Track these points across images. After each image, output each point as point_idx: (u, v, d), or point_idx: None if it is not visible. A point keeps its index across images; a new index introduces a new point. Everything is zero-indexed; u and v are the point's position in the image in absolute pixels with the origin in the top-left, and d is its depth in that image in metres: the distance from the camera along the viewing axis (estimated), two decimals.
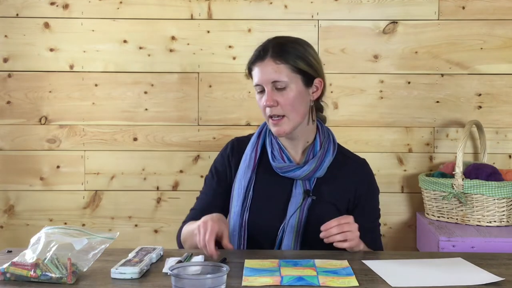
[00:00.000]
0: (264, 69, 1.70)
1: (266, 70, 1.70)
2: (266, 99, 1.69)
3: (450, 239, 2.13)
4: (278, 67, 1.69)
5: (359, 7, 2.57)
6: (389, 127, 2.60)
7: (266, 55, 1.71)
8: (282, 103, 1.69)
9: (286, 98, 1.69)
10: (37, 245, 1.39)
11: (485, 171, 2.29)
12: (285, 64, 1.69)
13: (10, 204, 2.64)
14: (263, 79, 1.70)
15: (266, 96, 1.70)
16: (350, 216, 1.60)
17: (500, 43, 2.56)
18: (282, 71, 1.69)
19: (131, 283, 1.34)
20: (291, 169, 1.74)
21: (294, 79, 1.70)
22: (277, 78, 1.69)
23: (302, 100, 1.72)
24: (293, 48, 1.72)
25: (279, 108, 1.70)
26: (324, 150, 1.77)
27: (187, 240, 1.73)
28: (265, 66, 1.70)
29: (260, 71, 1.70)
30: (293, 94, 1.70)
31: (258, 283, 1.32)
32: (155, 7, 2.59)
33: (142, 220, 2.64)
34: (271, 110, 1.70)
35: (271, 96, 1.69)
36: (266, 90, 1.70)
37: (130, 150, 2.62)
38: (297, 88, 1.71)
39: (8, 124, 2.62)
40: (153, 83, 2.61)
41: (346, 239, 1.56)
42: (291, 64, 1.69)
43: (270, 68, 1.69)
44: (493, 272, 1.40)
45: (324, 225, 1.58)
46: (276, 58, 1.69)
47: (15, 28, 2.60)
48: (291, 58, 1.70)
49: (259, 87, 1.72)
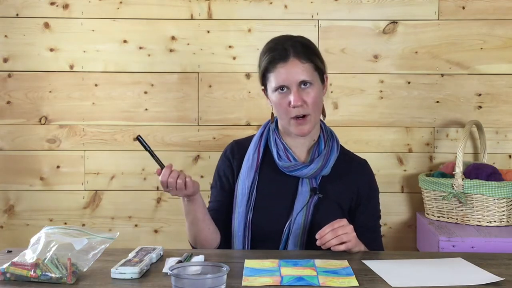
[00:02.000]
0: (290, 69, 1.69)
1: (293, 70, 1.69)
2: (295, 99, 1.68)
3: (450, 239, 2.13)
4: (304, 66, 1.70)
5: (359, 7, 2.57)
6: (389, 127, 2.60)
7: (288, 55, 1.70)
8: (308, 102, 1.70)
9: (311, 97, 1.70)
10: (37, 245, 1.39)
11: (485, 171, 2.29)
12: (309, 63, 1.71)
13: (10, 204, 2.64)
14: (290, 79, 1.69)
15: (293, 96, 1.69)
16: (343, 219, 1.61)
17: (500, 43, 2.56)
18: (308, 70, 1.70)
19: (131, 283, 1.34)
20: (298, 167, 1.74)
21: (316, 76, 1.73)
22: (305, 78, 1.69)
23: (321, 98, 1.76)
24: (310, 47, 1.75)
25: (305, 107, 1.70)
26: (329, 148, 1.78)
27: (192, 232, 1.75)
28: (291, 67, 1.69)
29: (286, 71, 1.69)
30: (316, 90, 1.72)
31: (258, 283, 1.32)
32: (155, 7, 2.59)
33: (142, 220, 2.64)
34: (298, 110, 1.70)
35: (299, 96, 1.69)
36: (293, 90, 1.69)
37: (130, 150, 2.62)
38: (318, 86, 1.73)
39: (8, 124, 2.62)
40: (153, 83, 2.61)
41: (342, 242, 1.57)
42: (314, 62, 1.72)
43: (297, 68, 1.69)
44: (493, 272, 1.40)
45: (319, 232, 1.59)
46: (301, 58, 1.70)
47: (15, 28, 2.60)
48: (313, 57, 1.72)
49: (281, 88, 1.71)
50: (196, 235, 1.74)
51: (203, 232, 1.73)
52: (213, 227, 1.75)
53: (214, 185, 1.87)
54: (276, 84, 1.71)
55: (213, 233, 1.76)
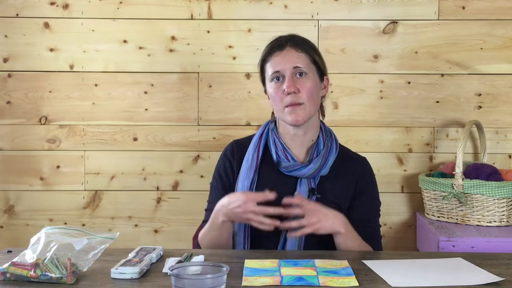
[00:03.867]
0: (285, 56, 1.74)
1: (287, 57, 1.74)
2: (287, 85, 1.71)
3: (450, 239, 2.13)
4: (299, 55, 1.74)
5: (359, 7, 2.57)
6: (389, 127, 2.60)
7: (285, 45, 1.76)
8: (302, 89, 1.72)
9: (305, 86, 1.72)
10: (37, 245, 1.39)
11: (485, 171, 2.29)
12: (305, 54, 1.75)
13: (10, 204, 2.64)
14: (284, 65, 1.73)
15: (287, 82, 1.71)
16: (311, 202, 1.65)
17: (500, 43, 2.56)
18: (303, 59, 1.74)
19: (131, 283, 1.34)
20: (297, 168, 1.75)
21: (312, 69, 1.76)
22: (299, 64, 1.73)
23: (317, 91, 1.77)
24: (308, 43, 1.80)
25: (299, 95, 1.71)
26: (328, 148, 1.78)
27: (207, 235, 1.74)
28: (286, 54, 1.74)
29: (280, 58, 1.74)
30: (311, 82, 1.74)
31: (258, 283, 1.32)
32: (155, 7, 2.59)
33: (142, 220, 2.64)
34: (291, 97, 1.71)
35: (292, 82, 1.71)
36: (287, 76, 1.72)
37: (130, 150, 2.62)
38: (314, 78, 1.76)
39: (8, 124, 2.62)
40: (153, 83, 2.61)
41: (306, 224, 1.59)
42: (309, 54, 1.76)
43: (292, 55, 1.74)
44: (493, 272, 1.40)
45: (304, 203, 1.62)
46: (298, 47, 1.75)
47: (15, 28, 2.60)
48: (309, 50, 1.77)
49: (276, 75, 1.74)
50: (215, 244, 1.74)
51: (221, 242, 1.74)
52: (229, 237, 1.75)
53: (214, 184, 1.86)
54: (271, 71, 1.75)
55: (228, 240, 1.75)
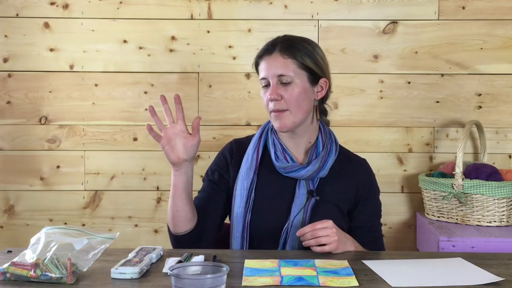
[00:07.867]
0: (271, 62, 1.71)
1: (273, 63, 1.71)
2: (270, 92, 1.70)
3: (450, 239, 2.13)
4: (285, 61, 1.70)
5: (359, 7, 2.57)
6: (389, 127, 2.60)
7: (275, 49, 1.72)
8: (286, 97, 1.70)
9: (290, 93, 1.70)
10: (37, 245, 1.39)
11: (485, 171, 2.29)
12: (292, 59, 1.70)
13: (10, 204, 2.64)
14: (269, 72, 1.71)
15: (270, 89, 1.70)
16: (329, 221, 1.60)
17: (500, 43, 2.56)
18: (288, 65, 1.70)
19: (131, 283, 1.34)
20: (295, 169, 1.73)
21: (300, 75, 1.71)
22: (283, 72, 1.70)
23: (306, 97, 1.73)
24: (302, 46, 1.74)
25: (282, 102, 1.70)
26: (327, 150, 1.77)
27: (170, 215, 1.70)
28: (272, 60, 1.71)
29: (266, 64, 1.72)
30: (298, 89, 1.71)
31: (258, 283, 1.32)
32: (155, 7, 2.59)
33: (142, 220, 2.64)
34: (274, 104, 1.70)
35: (276, 89, 1.70)
36: (271, 83, 1.70)
37: (130, 150, 2.62)
38: (302, 84, 1.71)
39: (8, 124, 2.62)
40: (153, 83, 2.61)
41: (320, 244, 1.57)
42: (298, 59, 1.71)
43: (277, 62, 1.70)
44: (493, 272, 1.40)
45: (299, 230, 1.60)
46: (284, 53, 1.71)
47: (15, 28, 2.60)
48: (299, 54, 1.71)
49: (264, 81, 1.73)
50: (172, 211, 1.69)
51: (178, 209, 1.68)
52: (191, 210, 1.71)
53: (205, 178, 1.86)
54: (260, 77, 1.75)
55: (189, 214, 1.70)
